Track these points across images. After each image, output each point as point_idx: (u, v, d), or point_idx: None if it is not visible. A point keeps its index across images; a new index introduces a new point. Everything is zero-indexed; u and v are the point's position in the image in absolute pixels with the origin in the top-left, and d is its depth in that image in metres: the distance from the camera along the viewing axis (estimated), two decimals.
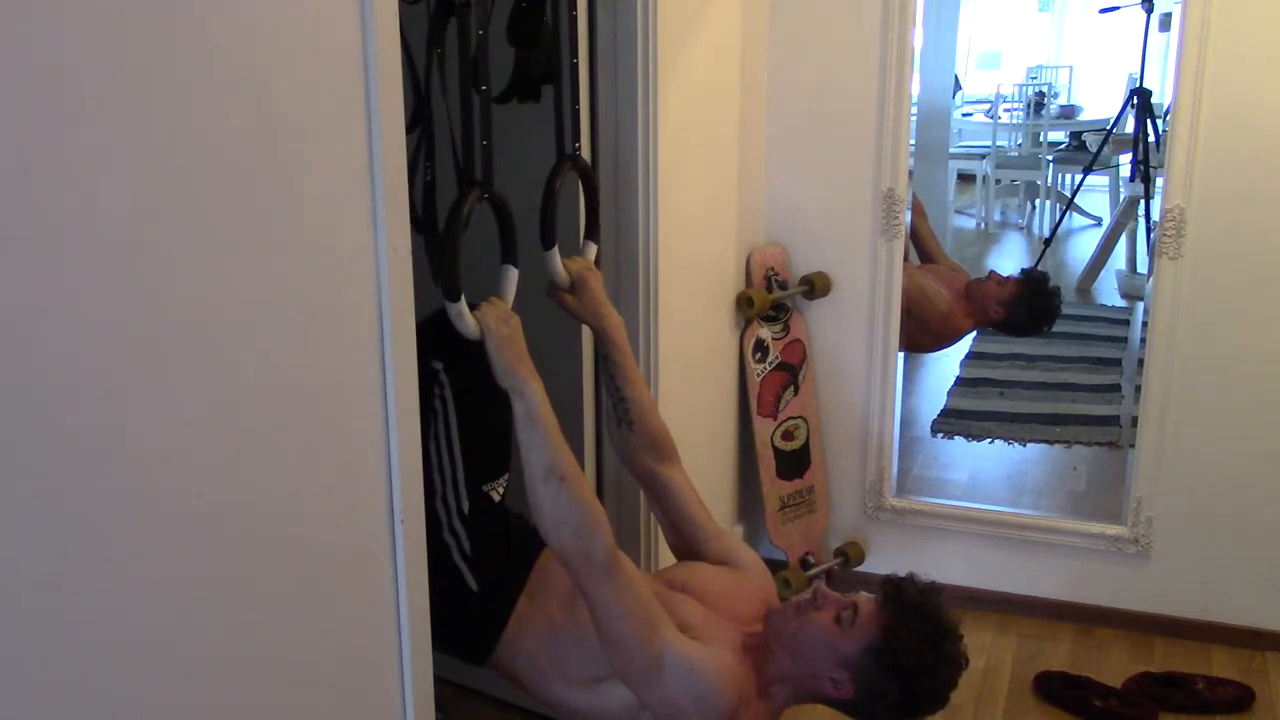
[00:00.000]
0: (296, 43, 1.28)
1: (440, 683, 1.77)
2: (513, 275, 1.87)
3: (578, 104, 2.03)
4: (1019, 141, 6.06)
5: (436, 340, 1.73)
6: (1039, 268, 3.54)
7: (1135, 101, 3.96)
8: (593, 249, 2.08)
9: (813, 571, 3.23)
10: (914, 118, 3.02)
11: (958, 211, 5.57)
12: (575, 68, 2.03)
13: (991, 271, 3.61)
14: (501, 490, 1.88)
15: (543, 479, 1.70)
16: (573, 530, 1.70)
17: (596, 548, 1.71)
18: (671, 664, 1.72)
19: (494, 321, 1.74)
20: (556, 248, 1.97)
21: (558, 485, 1.70)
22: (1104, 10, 3.75)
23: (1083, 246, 5.43)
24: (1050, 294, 3.55)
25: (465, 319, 1.73)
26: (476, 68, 1.73)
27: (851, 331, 3.19)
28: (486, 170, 1.77)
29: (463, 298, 1.72)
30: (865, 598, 1.80)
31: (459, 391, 1.78)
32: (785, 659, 1.81)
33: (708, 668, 1.74)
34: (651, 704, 1.74)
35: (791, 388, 3.19)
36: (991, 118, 5.85)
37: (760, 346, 3.11)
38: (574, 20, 2.03)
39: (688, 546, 2.10)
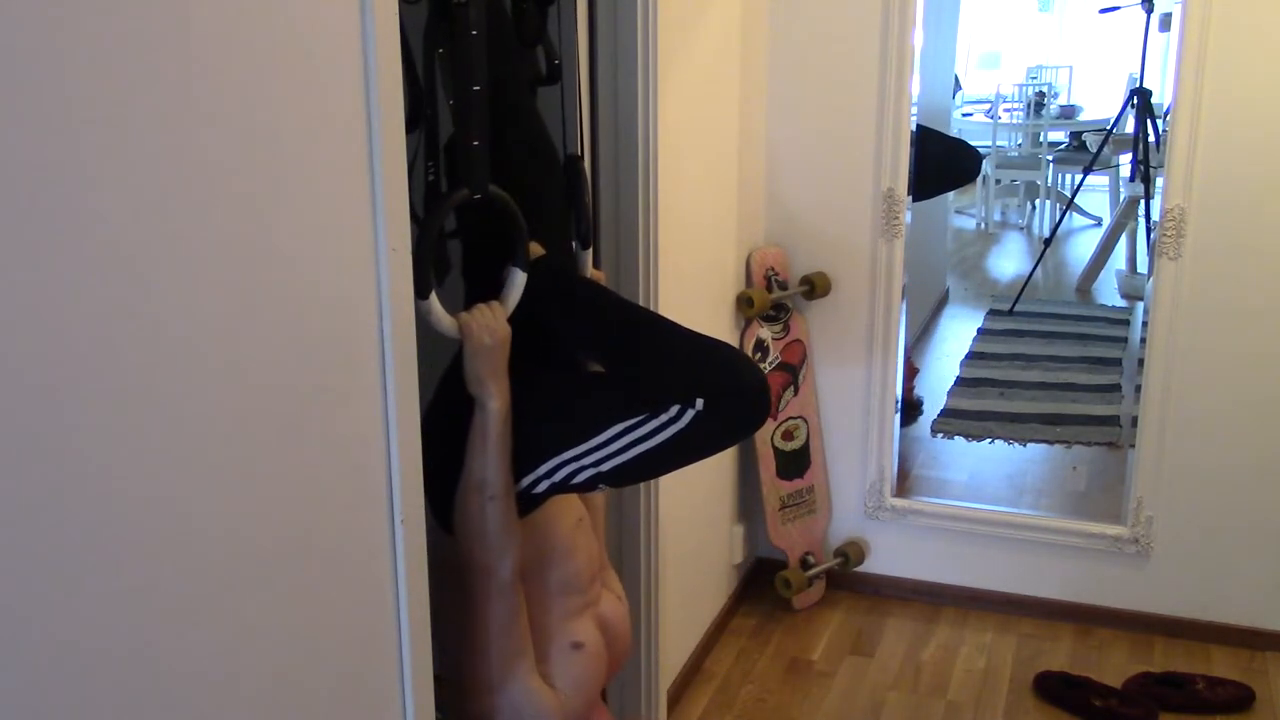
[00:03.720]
0: (297, 42, 1.28)
1: (440, 683, 1.77)
2: (518, 278, 1.82)
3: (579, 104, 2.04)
4: (1019, 141, 6.07)
5: (704, 378, 1.69)
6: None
7: (1135, 101, 3.97)
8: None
9: (813, 571, 3.23)
10: (914, 118, 3.02)
11: (958, 211, 5.58)
12: (575, 69, 2.04)
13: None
14: (585, 488, 1.86)
15: (475, 489, 1.73)
16: (485, 545, 1.75)
17: (503, 567, 1.75)
18: (511, 693, 1.77)
19: (476, 328, 1.72)
20: (591, 249, 2.01)
21: (486, 500, 1.73)
22: (1104, 10, 3.75)
23: (1083, 246, 5.44)
24: None
25: (435, 317, 1.69)
26: (471, 68, 1.72)
27: (851, 331, 3.19)
28: (480, 170, 1.75)
29: (434, 295, 1.69)
30: None
31: (690, 436, 1.70)
32: None
33: (535, 715, 1.79)
34: (468, 713, 1.80)
35: (791, 388, 3.19)
36: (991, 118, 5.85)
37: (760, 346, 3.11)
38: (574, 22, 2.03)
39: None
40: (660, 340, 1.78)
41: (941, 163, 3.18)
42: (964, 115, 5.79)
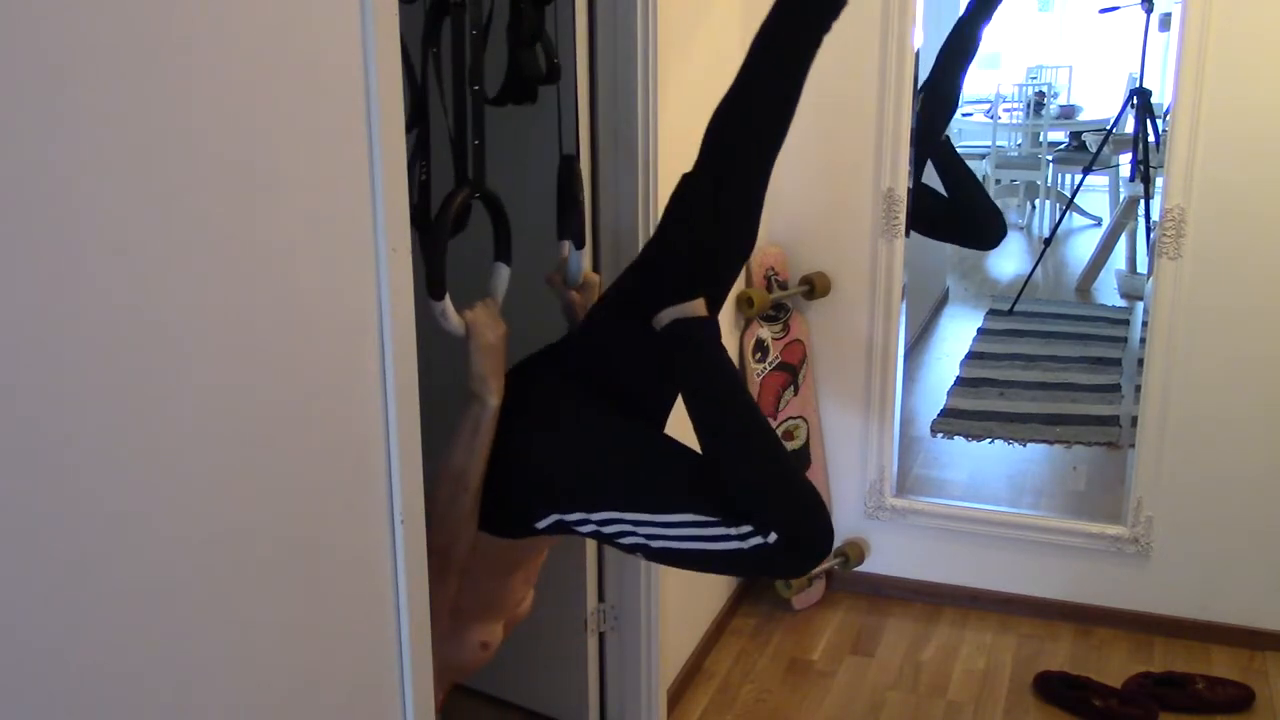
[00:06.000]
0: (297, 42, 1.28)
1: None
2: (504, 274, 1.89)
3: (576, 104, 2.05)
4: (1019, 141, 6.06)
5: (787, 517, 1.64)
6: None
7: (1135, 101, 3.96)
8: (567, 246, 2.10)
9: (813, 572, 3.23)
10: (914, 117, 3.02)
11: None
12: (575, 69, 2.04)
13: None
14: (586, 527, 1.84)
15: (453, 479, 1.77)
16: (444, 530, 1.79)
17: (453, 552, 1.81)
18: None
19: (483, 325, 1.76)
20: (584, 250, 2.04)
21: (461, 492, 1.77)
22: (1104, 10, 3.75)
23: (1083, 246, 5.43)
24: None
25: (450, 318, 1.73)
26: (470, 67, 1.73)
27: (851, 331, 3.19)
28: (479, 169, 1.77)
29: (447, 296, 1.71)
30: None
31: (744, 557, 1.66)
32: None
33: None
34: None
35: (791, 388, 3.19)
36: (991, 118, 5.84)
37: (760, 346, 3.11)
38: (574, 21, 2.04)
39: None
40: (764, 452, 1.71)
41: (967, 219, 3.20)
42: (964, 115, 5.77)
